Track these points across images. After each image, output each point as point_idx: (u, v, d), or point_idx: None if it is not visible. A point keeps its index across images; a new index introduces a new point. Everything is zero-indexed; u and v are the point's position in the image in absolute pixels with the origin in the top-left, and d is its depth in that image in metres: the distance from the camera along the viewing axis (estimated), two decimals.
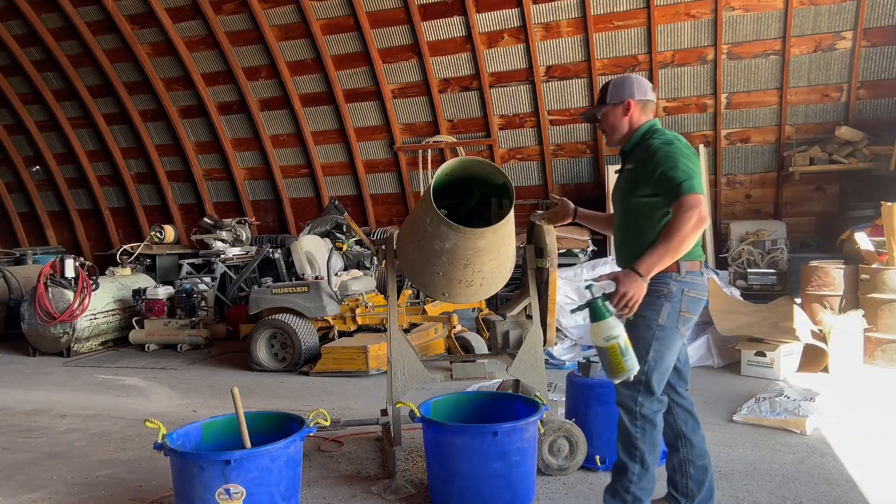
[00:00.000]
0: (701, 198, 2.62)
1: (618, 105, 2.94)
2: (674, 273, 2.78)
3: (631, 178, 2.89)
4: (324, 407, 4.48)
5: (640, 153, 2.85)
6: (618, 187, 3.02)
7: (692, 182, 2.64)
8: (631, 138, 2.95)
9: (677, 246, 2.61)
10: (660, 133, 2.87)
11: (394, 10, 8.85)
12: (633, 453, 2.81)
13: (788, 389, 4.81)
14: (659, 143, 2.80)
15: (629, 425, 2.81)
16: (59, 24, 10.10)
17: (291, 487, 3.02)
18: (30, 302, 7.68)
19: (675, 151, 2.73)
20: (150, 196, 11.27)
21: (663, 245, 2.61)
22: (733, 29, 8.03)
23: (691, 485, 2.98)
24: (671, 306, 2.77)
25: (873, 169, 7.61)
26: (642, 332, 2.78)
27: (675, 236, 2.59)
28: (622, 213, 2.96)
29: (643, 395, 2.78)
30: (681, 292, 2.78)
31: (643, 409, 2.78)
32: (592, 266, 7.46)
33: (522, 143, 9.30)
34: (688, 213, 2.58)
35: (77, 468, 4.09)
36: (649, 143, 2.83)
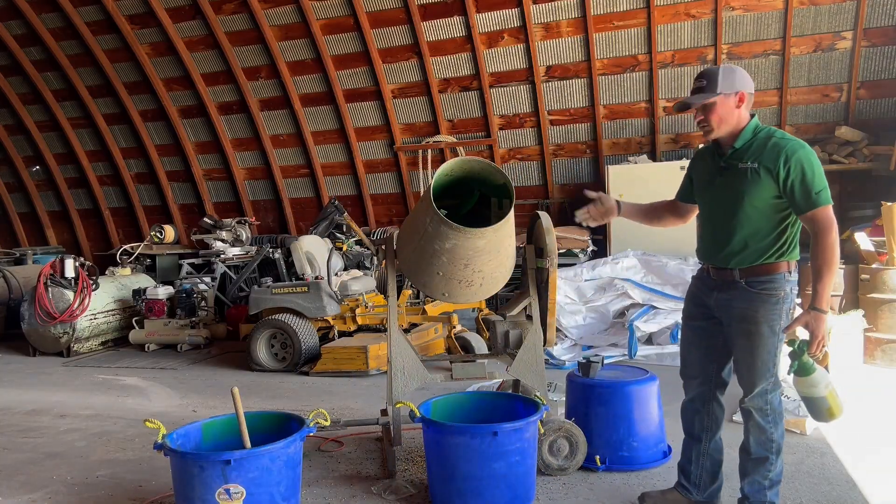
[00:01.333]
0: (831, 209, 2.69)
1: (730, 95, 2.78)
2: (785, 273, 2.82)
3: (750, 178, 2.76)
4: (324, 407, 4.47)
5: (763, 152, 2.75)
6: (722, 187, 2.87)
7: (827, 193, 2.68)
8: (741, 134, 2.82)
9: (835, 268, 2.74)
10: (778, 132, 2.81)
11: (394, 10, 8.85)
12: (769, 446, 2.88)
13: (788, 389, 4.81)
14: (790, 144, 2.72)
15: (762, 422, 2.87)
16: (59, 24, 10.10)
17: (291, 487, 3.02)
18: (30, 302, 7.67)
19: (808, 156, 2.70)
20: (150, 196, 11.27)
21: (828, 273, 2.70)
22: (733, 29, 8.03)
23: (705, 476, 3.11)
24: (786, 307, 2.82)
25: (873, 169, 7.61)
26: (767, 337, 2.81)
27: (833, 260, 2.71)
28: (729, 214, 2.84)
29: (772, 390, 2.86)
30: (790, 291, 2.84)
31: (773, 402, 2.87)
32: (592, 266, 7.45)
33: (522, 143, 9.30)
34: (831, 230, 2.67)
35: (77, 468, 4.09)
36: (773, 141, 2.76)
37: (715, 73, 2.80)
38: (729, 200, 2.85)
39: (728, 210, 2.85)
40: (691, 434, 3.14)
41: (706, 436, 3.09)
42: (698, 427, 3.10)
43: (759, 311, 2.79)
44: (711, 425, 3.09)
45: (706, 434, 3.09)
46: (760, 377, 2.85)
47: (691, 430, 3.13)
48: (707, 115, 2.82)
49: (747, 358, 2.87)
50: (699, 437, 3.10)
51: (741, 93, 2.79)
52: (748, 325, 2.82)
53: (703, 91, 2.80)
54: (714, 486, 3.13)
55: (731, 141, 2.85)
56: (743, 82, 2.81)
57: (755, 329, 2.81)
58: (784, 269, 2.80)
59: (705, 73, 2.84)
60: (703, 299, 3.03)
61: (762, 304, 2.79)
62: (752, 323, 2.81)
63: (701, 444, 3.10)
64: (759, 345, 2.81)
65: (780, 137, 2.77)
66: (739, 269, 2.85)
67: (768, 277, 2.79)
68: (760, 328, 2.80)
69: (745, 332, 2.84)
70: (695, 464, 3.11)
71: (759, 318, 2.79)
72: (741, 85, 2.79)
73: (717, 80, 2.77)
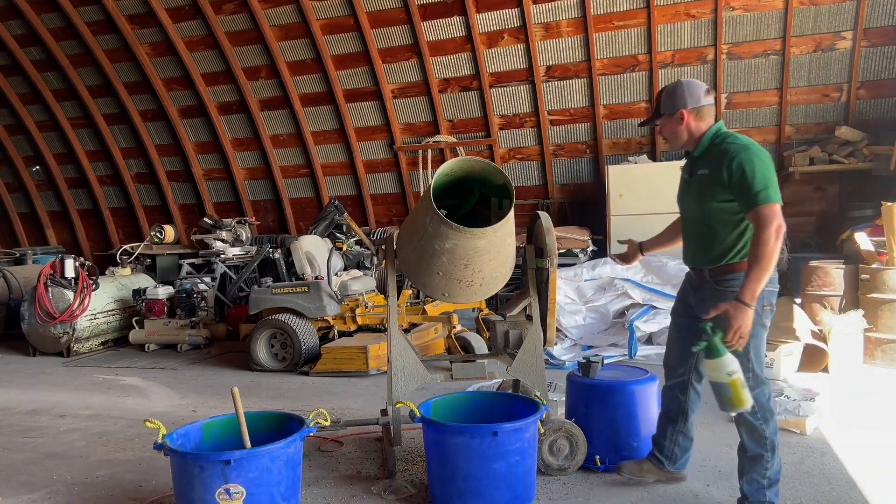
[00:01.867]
0: (778, 207, 2.74)
1: (672, 115, 3.00)
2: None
3: (705, 183, 2.93)
4: (324, 407, 4.48)
5: (714, 158, 2.90)
6: (689, 193, 3.06)
7: (768, 192, 2.74)
8: (699, 143, 2.99)
9: (768, 264, 2.72)
10: (731, 137, 2.93)
11: (394, 10, 8.85)
12: (762, 443, 2.95)
13: (788, 389, 4.81)
14: (734, 147, 2.85)
15: (751, 419, 2.93)
16: (59, 24, 10.10)
17: (291, 487, 3.02)
18: (30, 302, 7.68)
19: (751, 157, 2.79)
20: (150, 196, 11.28)
21: (756, 268, 2.72)
22: (733, 29, 8.03)
23: (677, 450, 3.38)
24: (758, 304, 2.81)
25: (873, 169, 7.61)
26: None
27: (763, 255, 2.71)
28: (697, 218, 3.02)
29: (755, 387, 2.90)
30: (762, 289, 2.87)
31: (759, 399, 2.91)
32: (592, 266, 7.45)
33: (522, 143, 9.31)
34: (768, 227, 2.70)
35: (77, 468, 4.09)
36: (722, 147, 2.89)
37: (661, 95, 3.05)
38: (694, 206, 3.05)
39: (695, 215, 3.06)
40: (668, 415, 3.37)
41: (682, 418, 3.33)
42: (675, 410, 3.33)
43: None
44: (687, 409, 3.31)
45: (682, 416, 3.33)
46: None
47: (668, 412, 3.37)
48: (661, 133, 3.16)
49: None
50: (675, 419, 3.34)
51: (680, 112, 2.96)
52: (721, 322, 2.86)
53: (655, 113, 3.10)
54: (683, 459, 3.39)
55: (693, 150, 3.05)
56: (685, 100, 2.96)
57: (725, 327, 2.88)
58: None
59: (659, 93, 3.09)
60: (686, 298, 3.24)
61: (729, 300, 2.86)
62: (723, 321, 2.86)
63: (676, 424, 3.34)
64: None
65: (729, 143, 2.89)
66: (709, 270, 3.02)
67: (734, 276, 2.90)
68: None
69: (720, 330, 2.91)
70: (669, 440, 3.37)
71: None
72: (682, 104, 2.96)
73: (661, 102, 3.03)
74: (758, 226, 2.74)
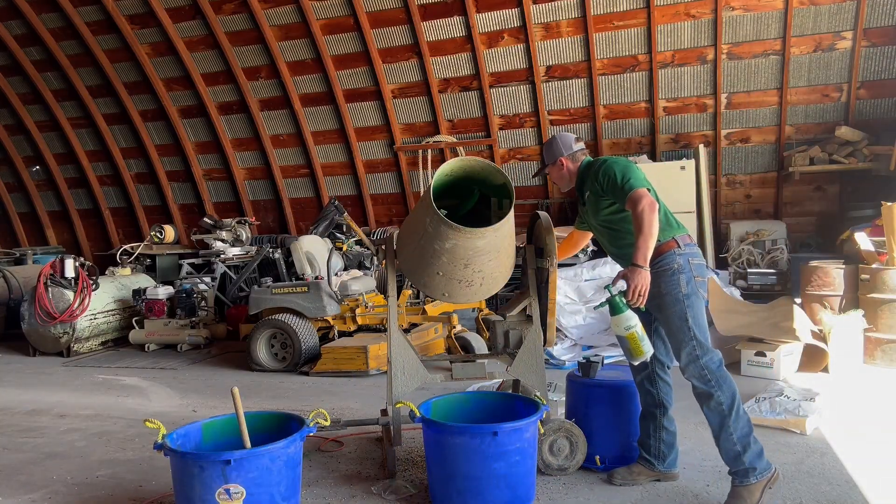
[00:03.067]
0: (644, 191, 3.11)
1: (554, 164, 3.56)
2: (675, 249, 3.23)
3: (592, 200, 3.42)
4: (324, 407, 4.48)
5: (587, 180, 3.43)
6: (588, 214, 3.54)
7: (631, 181, 3.16)
8: (578, 176, 3.53)
9: (648, 231, 3.05)
10: (593, 161, 3.46)
11: (394, 10, 8.85)
12: (719, 409, 3.10)
13: (788, 389, 4.81)
14: (595, 164, 3.41)
15: (704, 387, 3.12)
16: (59, 24, 10.10)
17: (291, 487, 3.02)
18: (30, 302, 7.68)
19: (609, 164, 3.29)
20: (150, 196, 11.27)
21: (641, 237, 3.06)
22: (733, 29, 8.03)
23: (663, 447, 3.46)
24: (685, 276, 3.18)
25: (873, 169, 7.61)
26: (673, 306, 3.18)
27: (643, 226, 3.06)
28: (603, 230, 3.47)
29: (702, 356, 3.12)
30: (687, 262, 3.21)
31: (709, 366, 3.11)
32: (592, 266, 7.44)
33: (522, 143, 9.31)
34: (639, 205, 3.07)
35: (77, 468, 4.09)
36: (590, 170, 3.43)
37: (542, 150, 3.67)
38: (596, 224, 3.52)
39: (599, 227, 3.50)
40: (646, 411, 3.50)
41: (659, 412, 3.45)
42: (651, 403, 3.46)
43: (660, 286, 3.19)
44: (663, 401, 3.45)
45: (659, 410, 3.45)
46: (680, 342, 3.17)
47: (645, 408, 3.50)
48: (552, 179, 3.70)
49: (665, 328, 3.29)
50: (653, 413, 3.46)
51: (559, 160, 3.54)
52: (656, 300, 3.22)
53: (542, 164, 3.69)
54: (672, 456, 3.48)
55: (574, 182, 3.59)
56: (560, 149, 3.53)
57: (661, 301, 3.21)
58: (672, 247, 3.23)
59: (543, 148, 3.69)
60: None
61: (660, 278, 3.19)
62: (659, 297, 3.21)
63: (656, 419, 3.46)
64: (669, 314, 3.20)
65: (592, 163, 3.47)
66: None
67: (660, 258, 3.21)
68: (665, 299, 3.20)
69: (656, 307, 3.26)
70: (653, 437, 3.47)
71: (662, 290, 3.19)
72: (558, 152, 3.54)
73: (544, 155, 3.62)
74: (632, 208, 3.10)
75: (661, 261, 3.22)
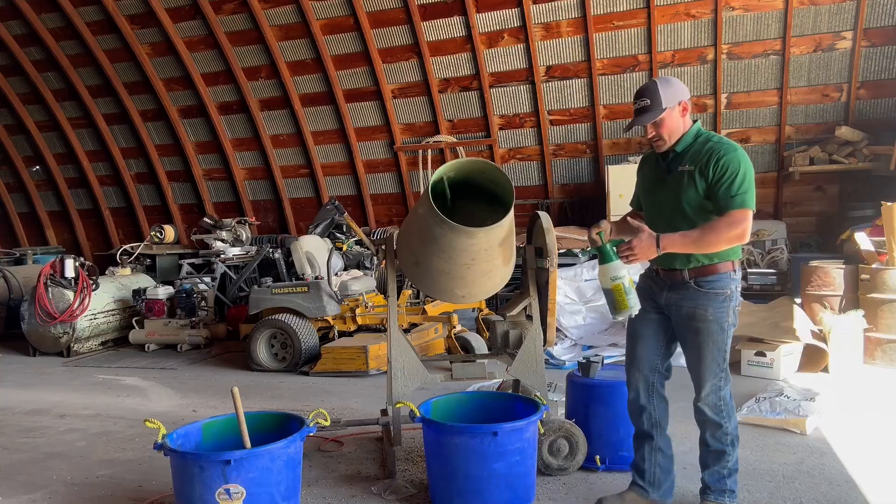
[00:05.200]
0: (750, 214, 2.78)
1: (675, 107, 2.92)
2: (731, 272, 2.94)
3: (689, 179, 2.89)
4: (324, 407, 4.48)
5: (699, 155, 2.88)
6: (667, 192, 2.99)
7: (745, 197, 2.77)
8: (683, 139, 2.95)
9: (706, 247, 2.82)
10: (715, 136, 2.94)
11: (394, 10, 8.85)
12: (725, 439, 2.97)
13: (788, 389, 4.81)
14: (723, 146, 2.85)
15: (716, 417, 2.95)
16: (59, 24, 10.10)
17: (291, 487, 3.01)
18: (30, 302, 7.67)
19: (738, 159, 2.81)
20: (150, 196, 11.27)
21: (696, 237, 2.79)
22: (733, 29, 8.03)
23: (658, 472, 3.16)
24: (733, 304, 2.93)
25: (873, 169, 7.61)
26: (716, 334, 2.91)
27: (710, 237, 2.78)
28: (674, 218, 2.94)
29: (724, 386, 2.95)
30: (736, 289, 2.96)
31: (726, 397, 2.96)
32: (592, 266, 7.44)
33: (522, 143, 9.31)
34: (733, 226, 2.75)
35: (77, 468, 4.09)
36: (709, 146, 2.88)
37: (655, 90, 2.93)
38: (668, 203, 2.98)
39: (668, 213, 2.99)
40: (641, 432, 3.20)
41: (656, 431, 3.16)
42: (647, 424, 3.16)
43: (707, 310, 2.91)
44: (659, 421, 3.16)
45: (656, 430, 3.16)
46: (711, 373, 2.94)
47: (641, 428, 3.19)
48: (658, 130, 2.95)
49: (697, 354, 2.97)
50: (650, 434, 3.16)
51: (683, 102, 2.94)
52: (698, 322, 2.93)
53: (649, 109, 2.92)
54: (668, 483, 3.19)
55: (674, 146, 2.97)
56: (682, 92, 2.96)
57: (704, 326, 2.92)
58: (729, 269, 2.92)
59: (645, 91, 2.95)
60: (653, 296, 3.12)
61: (710, 302, 2.91)
62: (702, 321, 2.92)
63: (653, 440, 3.16)
64: (709, 341, 2.92)
65: (715, 141, 2.90)
66: (688, 270, 2.95)
67: (715, 277, 2.91)
68: (710, 325, 2.91)
69: (695, 330, 2.95)
70: (648, 461, 3.17)
71: (709, 315, 2.91)
72: (681, 94, 2.95)
73: (660, 95, 2.90)
74: (726, 223, 2.77)
75: (716, 282, 2.91)
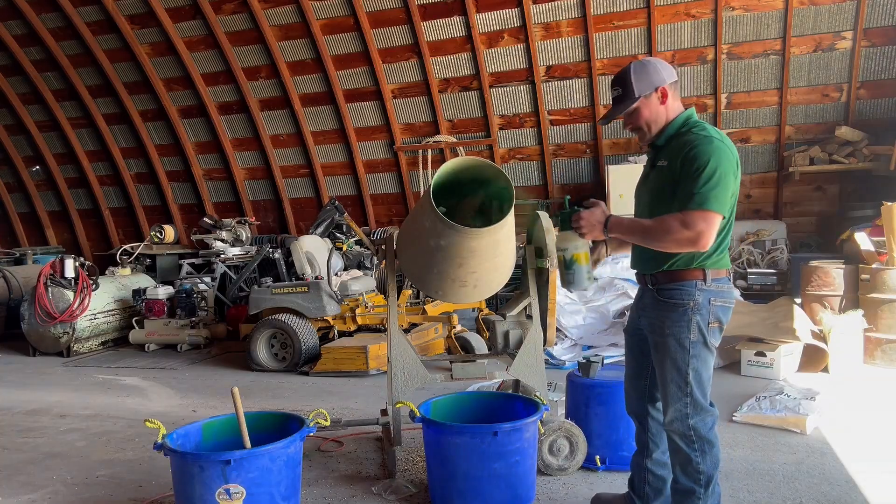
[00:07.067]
0: (713, 217, 2.42)
1: (650, 95, 2.60)
2: (698, 281, 2.57)
3: (665, 177, 2.59)
4: (324, 407, 4.48)
5: (676, 148, 2.56)
6: (646, 188, 2.77)
7: (709, 195, 2.41)
8: (665, 130, 2.63)
9: (652, 242, 2.54)
10: (701, 126, 2.56)
11: (394, 10, 8.85)
12: (696, 477, 2.62)
13: (789, 388, 4.81)
14: (698, 137, 2.50)
15: (687, 449, 2.62)
16: (59, 24, 10.09)
17: (291, 487, 3.01)
18: (30, 302, 7.68)
19: (709, 151, 2.45)
20: (150, 196, 11.27)
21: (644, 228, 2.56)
22: (733, 29, 8.03)
23: (648, 490, 2.95)
24: (700, 318, 2.56)
25: (873, 169, 7.61)
26: (672, 352, 2.60)
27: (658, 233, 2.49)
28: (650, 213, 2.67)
29: (693, 415, 2.60)
30: (708, 302, 2.57)
31: (698, 429, 2.60)
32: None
33: (522, 143, 9.30)
34: (687, 227, 2.42)
35: (77, 468, 4.09)
36: (687, 137, 2.55)
37: (627, 76, 2.62)
38: (648, 203, 2.73)
39: (647, 213, 2.71)
40: (637, 444, 3.01)
41: (646, 451, 2.94)
42: (640, 441, 2.97)
43: (665, 322, 2.60)
44: (649, 441, 2.91)
45: (645, 450, 2.93)
46: (672, 396, 2.61)
47: (636, 439, 3.01)
48: (635, 121, 2.67)
49: (659, 373, 2.68)
50: (641, 451, 2.97)
51: (661, 88, 2.60)
52: (655, 336, 2.66)
53: (621, 99, 2.65)
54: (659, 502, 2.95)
55: (656, 138, 2.67)
56: (659, 76, 2.61)
57: (661, 342, 2.63)
58: (697, 277, 2.57)
59: (618, 79, 2.67)
60: (635, 307, 2.91)
61: (668, 314, 2.60)
62: (659, 335, 2.63)
63: (643, 457, 2.95)
64: (666, 360, 2.61)
65: (695, 133, 2.53)
66: (650, 275, 2.70)
67: (676, 285, 2.59)
68: (667, 341, 2.60)
69: (654, 344, 2.68)
70: (637, 476, 2.99)
71: (665, 329, 2.60)
72: (658, 79, 2.60)
73: (631, 84, 2.60)
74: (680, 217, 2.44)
75: (675, 291, 2.58)
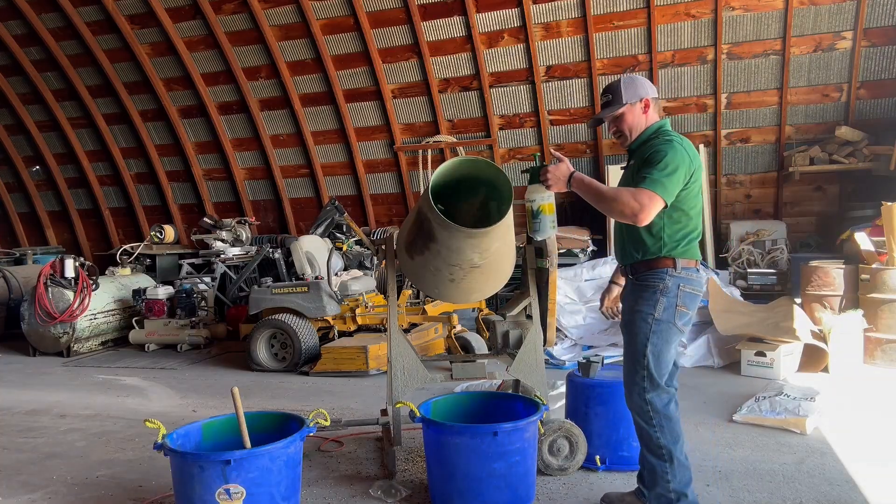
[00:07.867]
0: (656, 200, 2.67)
1: (636, 103, 2.94)
2: (669, 268, 2.83)
3: (629, 174, 2.94)
4: (324, 407, 4.48)
5: (644, 151, 2.87)
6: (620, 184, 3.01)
7: (660, 180, 2.69)
8: (640, 137, 2.96)
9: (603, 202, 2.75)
10: (670, 135, 2.89)
11: (394, 10, 8.85)
12: (659, 453, 2.82)
13: (789, 389, 4.81)
14: (662, 142, 2.83)
15: (646, 426, 2.83)
16: (59, 24, 10.09)
17: (291, 487, 3.01)
18: (30, 302, 7.68)
19: (668, 148, 2.77)
20: (150, 196, 11.27)
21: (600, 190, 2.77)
22: (733, 29, 8.03)
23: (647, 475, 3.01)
24: (667, 301, 2.81)
25: (873, 169, 7.61)
26: (639, 325, 2.83)
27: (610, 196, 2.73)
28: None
29: (649, 390, 2.81)
30: (676, 287, 2.82)
31: (654, 403, 2.81)
32: (592, 266, 7.45)
33: (522, 143, 9.30)
34: (634, 199, 2.66)
35: (77, 468, 4.09)
36: (653, 141, 2.88)
37: (617, 86, 2.97)
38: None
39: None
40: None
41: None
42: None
43: (637, 301, 2.87)
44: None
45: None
46: (629, 369, 2.87)
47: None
48: (619, 125, 2.98)
49: (625, 350, 2.93)
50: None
51: (645, 99, 2.94)
52: (626, 315, 2.91)
53: (610, 104, 2.97)
54: None
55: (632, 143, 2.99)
56: (644, 89, 2.96)
57: (629, 318, 2.89)
58: (668, 266, 2.83)
59: (609, 88, 3.01)
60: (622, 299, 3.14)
61: (639, 293, 2.87)
62: (629, 312, 2.89)
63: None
64: (629, 333, 2.87)
65: (664, 139, 2.85)
66: (629, 266, 2.97)
67: (650, 272, 2.86)
68: (633, 316, 2.86)
69: (624, 324, 2.93)
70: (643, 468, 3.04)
71: (636, 307, 2.86)
72: (643, 92, 2.95)
73: (621, 91, 2.94)
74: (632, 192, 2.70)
75: (648, 277, 2.86)
